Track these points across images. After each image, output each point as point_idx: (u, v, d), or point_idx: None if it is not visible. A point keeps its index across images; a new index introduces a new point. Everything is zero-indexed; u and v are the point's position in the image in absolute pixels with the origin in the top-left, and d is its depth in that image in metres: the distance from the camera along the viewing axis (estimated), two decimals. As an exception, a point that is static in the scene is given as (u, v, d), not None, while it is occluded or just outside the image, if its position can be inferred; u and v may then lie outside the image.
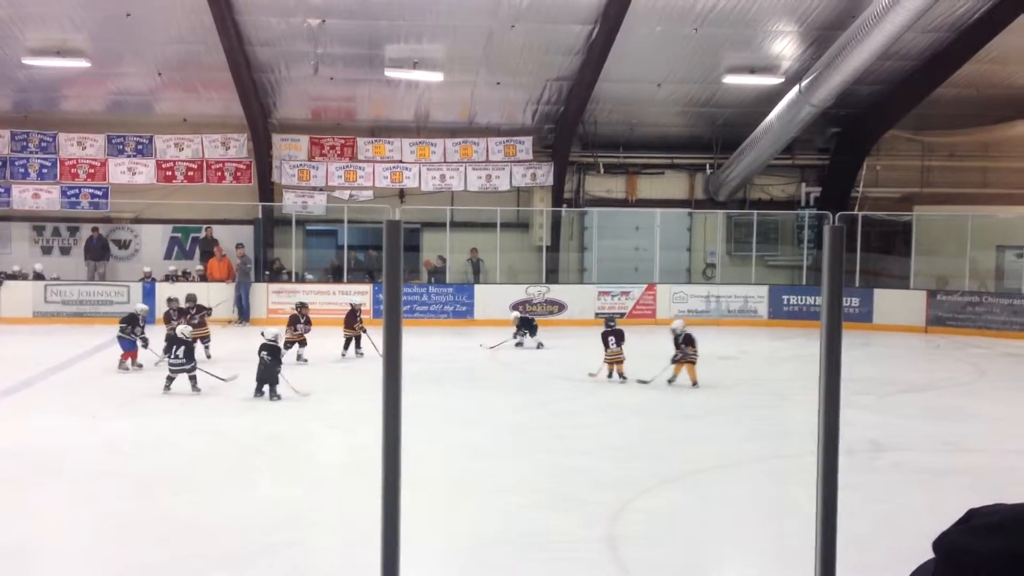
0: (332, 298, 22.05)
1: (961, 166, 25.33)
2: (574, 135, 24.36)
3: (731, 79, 22.55)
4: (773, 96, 21.97)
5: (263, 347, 13.76)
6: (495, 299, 22.57)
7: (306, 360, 16.71)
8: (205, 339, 17.04)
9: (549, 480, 9.83)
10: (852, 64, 18.77)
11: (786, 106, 21.21)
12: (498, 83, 22.76)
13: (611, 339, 15.67)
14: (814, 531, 1.92)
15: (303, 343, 16.94)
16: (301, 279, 23.68)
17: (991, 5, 20.15)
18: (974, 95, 23.38)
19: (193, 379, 14.13)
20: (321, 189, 24.20)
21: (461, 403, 13.91)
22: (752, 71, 22.28)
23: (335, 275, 23.77)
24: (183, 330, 14.60)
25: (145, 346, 16.00)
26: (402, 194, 24.66)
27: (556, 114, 24.01)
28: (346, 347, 17.60)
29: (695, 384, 14.65)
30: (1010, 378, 16.70)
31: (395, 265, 1.83)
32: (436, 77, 21.84)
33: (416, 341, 16.88)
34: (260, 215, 23.54)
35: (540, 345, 19.03)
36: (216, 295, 21.33)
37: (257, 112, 22.82)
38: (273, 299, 22.32)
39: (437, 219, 23.85)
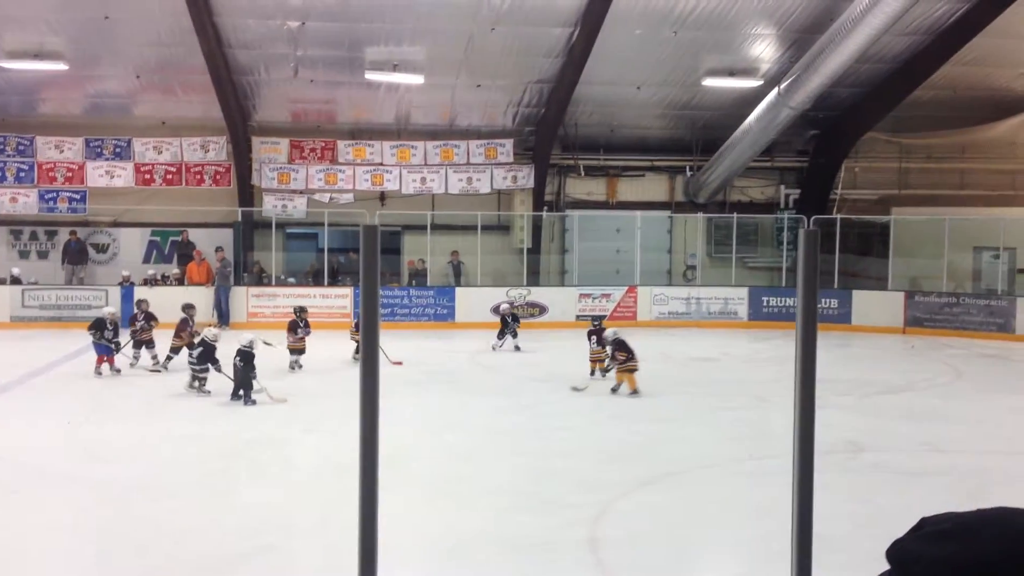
0: (313, 301, 21.96)
1: (938, 168, 25.54)
2: (555, 138, 24.40)
3: (710, 82, 22.64)
4: (752, 99, 22.07)
5: (237, 352, 13.70)
6: (476, 302, 22.57)
7: (300, 366, 16.42)
8: (149, 344, 16.50)
9: (530, 482, 9.85)
10: (830, 67, 18.88)
11: (765, 108, 21.31)
12: (478, 86, 22.77)
13: (592, 338, 15.74)
14: (789, 530, 1.93)
15: (302, 350, 16.54)
16: (282, 282, 23.60)
17: (968, 8, 20.32)
18: (951, 97, 23.58)
19: (202, 380, 14.17)
20: (301, 192, 24.12)
21: (442, 406, 13.90)
22: (731, 74, 22.38)
23: (316, 278, 23.70)
24: (208, 333, 14.66)
25: (117, 350, 15.90)
26: (383, 197, 24.62)
27: (537, 117, 24.03)
28: (358, 352, 17.35)
29: (635, 392, 14.24)
30: (986, 379, 16.83)
31: (372, 269, 1.84)
32: (416, 80, 21.82)
33: (397, 344, 16.85)
34: (240, 218, 23.45)
35: (517, 348, 18.96)
36: (200, 299, 21.22)
37: (236, 115, 22.73)
38: (253, 303, 22.23)
39: (418, 222, 23.84)
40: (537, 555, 7.89)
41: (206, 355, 14.28)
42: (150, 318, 16.64)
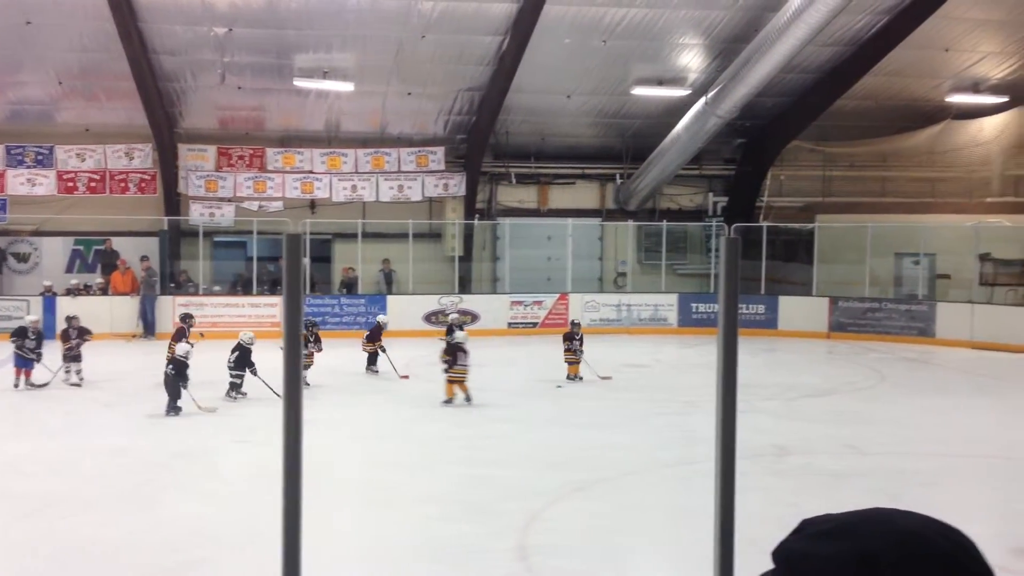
0: (242, 310, 21.72)
1: (860, 175, 26.15)
2: (486, 145, 24.45)
3: (640, 91, 22.89)
4: (681, 107, 22.36)
5: (170, 361, 13.50)
6: (408, 310, 22.48)
7: (308, 384, 15.49)
8: (78, 359, 15.85)
9: (461, 491, 9.83)
10: (756, 76, 19.24)
11: (693, 117, 21.62)
12: (409, 93, 22.73)
13: (565, 343, 16.36)
14: (712, 534, 1.97)
15: (308, 366, 15.75)
16: (209, 292, 23.23)
17: (887, 20, 20.86)
18: (872, 107, 24.17)
19: (236, 386, 14.28)
20: (229, 200, 23.81)
21: (371, 414, 13.83)
22: (660, 83, 22.65)
23: (244, 287, 23.39)
24: (244, 336, 14.70)
25: (38, 360, 15.51)
26: (313, 205, 24.42)
27: (468, 124, 24.06)
28: (369, 363, 17.14)
29: (468, 399, 14.26)
30: (908, 382, 17.25)
31: (295, 279, 1.83)
32: (346, 87, 21.71)
33: (328, 353, 16.70)
34: (166, 227, 23.05)
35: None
36: (125, 309, 20.82)
37: (162, 122, 22.36)
38: (180, 312, 21.83)
39: (349, 230, 23.67)
40: (466, 563, 7.88)
41: (243, 359, 14.33)
42: (84, 332, 16.11)
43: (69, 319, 16.31)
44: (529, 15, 19.46)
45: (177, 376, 13.40)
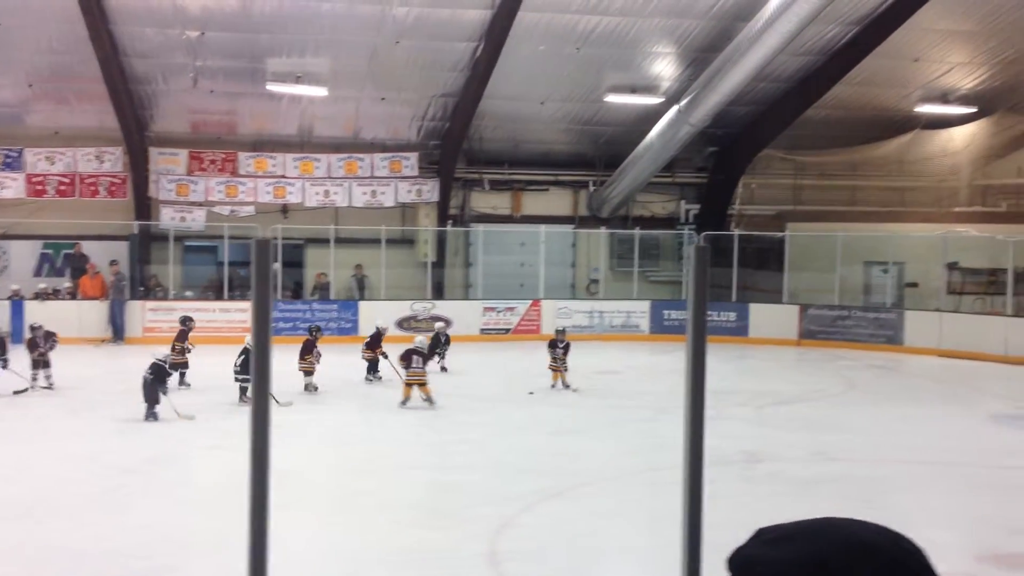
0: (213, 315, 21.56)
1: (831, 184, 26.39)
2: (459, 151, 24.45)
3: (613, 98, 22.99)
4: (653, 115, 22.47)
5: (151, 366, 13.32)
6: (380, 316, 22.36)
7: (316, 388, 15.62)
8: (47, 364, 15.57)
9: (431, 497, 9.82)
10: (728, 85, 19.38)
11: (666, 125, 21.74)
12: (383, 99, 22.70)
13: (549, 351, 16.32)
14: (680, 540, 1.98)
15: (312, 371, 15.78)
16: (180, 296, 23.06)
17: (858, 30, 21.07)
18: (843, 116, 24.39)
19: (245, 391, 14.09)
20: (201, 204, 23.66)
21: (342, 420, 13.78)
22: (633, 91, 22.76)
23: (215, 292, 23.24)
24: (250, 340, 14.19)
25: (5, 367, 15.33)
26: (285, 210, 24.31)
27: (441, 130, 24.05)
28: (369, 371, 16.84)
29: (427, 400, 14.44)
30: (877, 389, 17.40)
31: (264, 284, 1.82)
32: (320, 92, 21.64)
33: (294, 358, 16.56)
34: (136, 231, 22.87)
35: (444, 369, 17.95)
36: (94, 314, 20.63)
37: (133, 125, 22.19)
38: (149, 317, 21.70)
39: (321, 235, 23.58)
40: (436, 570, 7.86)
41: (249, 363, 13.94)
42: (50, 336, 15.88)
43: (34, 328, 15.96)
44: (503, 22, 19.50)
45: (156, 381, 13.25)
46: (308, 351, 15.78)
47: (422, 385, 14.43)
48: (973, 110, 24.41)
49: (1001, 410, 14.97)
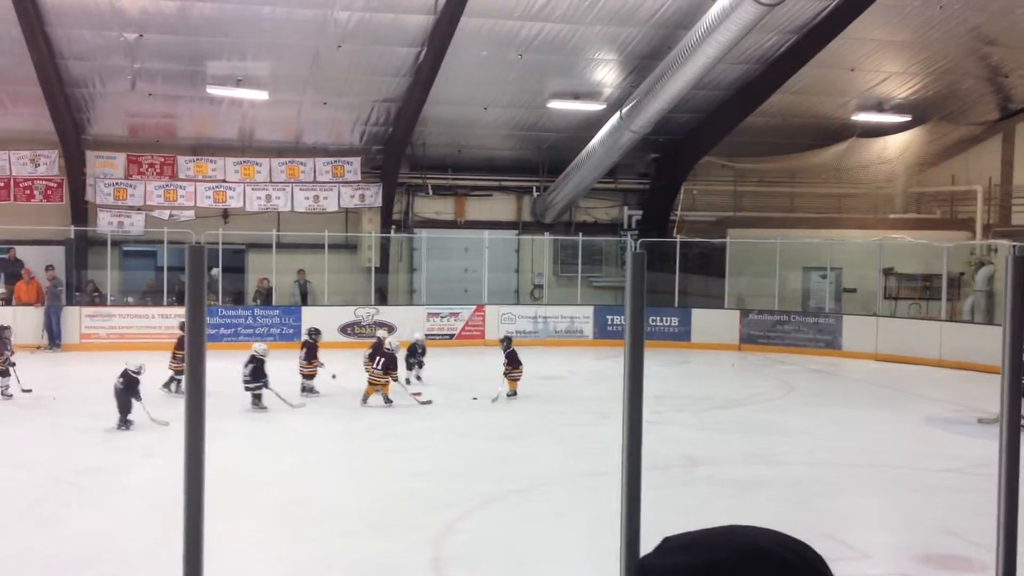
0: (152, 321, 21.26)
1: (770, 191, 26.78)
2: (403, 156, 24.38)
3: (556, 104, 23.09)
4: (596, 122, 22.62)
5: (122, 374, 13.01)
6: (323, 321, 22.18)
7: (316, 391, 15.75)
8: (5, 373, 15.08)
9: (373, 505, 9.75)
10: (669, 92, 19.56)
11: (608, 132, 21.89)
12: (325, 103, 22.56)
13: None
14: (618, 544, 1.99)
15: (313, 375, 15.75)
16: (118, 302, 22.67)
17: (796, 40, 21.40)
18: (781, 124, 24.77)
19: (258, 397, 14.16)
20: (139, 208, 23.32)
21: (280, 428, 13.63)
22: (576, 97, 22.89)
23: (154, 298, 22.89)
24: (258, 348, 14.48)
25: None
26: (226, 214, 24.05)
27: (384, 135, 23.97)
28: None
29: (385, 399, 14.99)
30: (815, 393, 17.66)
31: (198, 292, 1.80)
32: (261, 96, 21.45)
33: (241, 365, 16.37)
34: (72, 235, 22.46)
35: (419, 378, 17.44)
36: (29, 320, 20.22)
37: (69, 128, 21.81)
38: (87, 323, 21.33)
39: (263, 240, 23.36)
40: (381, 577, 7.82)
41: (258, 371, 14.17)
42: (4, 329, 15.33)
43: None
44: (445, 27, 19.49)
45: (127, 391, 12.96)
46: (314, 355, 15.96)
47: (384, 385, 14.89)
48: (908, 119, 24.93)
49: (935, 413, 15.27)
